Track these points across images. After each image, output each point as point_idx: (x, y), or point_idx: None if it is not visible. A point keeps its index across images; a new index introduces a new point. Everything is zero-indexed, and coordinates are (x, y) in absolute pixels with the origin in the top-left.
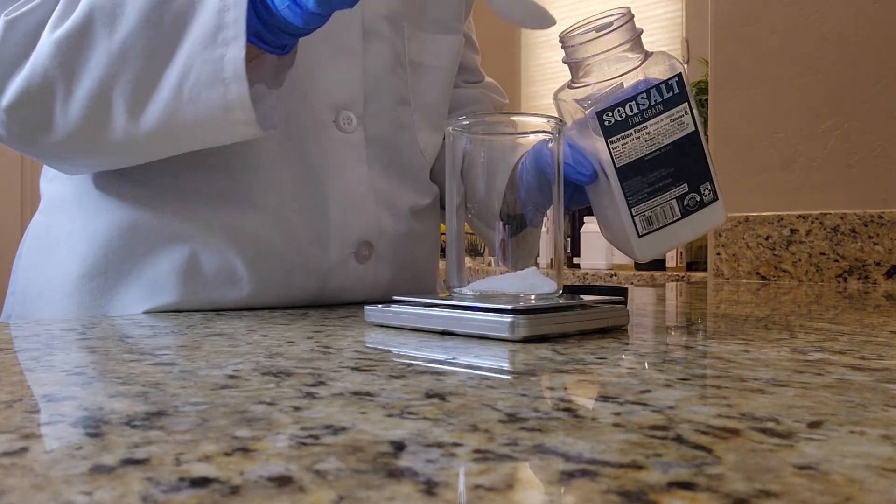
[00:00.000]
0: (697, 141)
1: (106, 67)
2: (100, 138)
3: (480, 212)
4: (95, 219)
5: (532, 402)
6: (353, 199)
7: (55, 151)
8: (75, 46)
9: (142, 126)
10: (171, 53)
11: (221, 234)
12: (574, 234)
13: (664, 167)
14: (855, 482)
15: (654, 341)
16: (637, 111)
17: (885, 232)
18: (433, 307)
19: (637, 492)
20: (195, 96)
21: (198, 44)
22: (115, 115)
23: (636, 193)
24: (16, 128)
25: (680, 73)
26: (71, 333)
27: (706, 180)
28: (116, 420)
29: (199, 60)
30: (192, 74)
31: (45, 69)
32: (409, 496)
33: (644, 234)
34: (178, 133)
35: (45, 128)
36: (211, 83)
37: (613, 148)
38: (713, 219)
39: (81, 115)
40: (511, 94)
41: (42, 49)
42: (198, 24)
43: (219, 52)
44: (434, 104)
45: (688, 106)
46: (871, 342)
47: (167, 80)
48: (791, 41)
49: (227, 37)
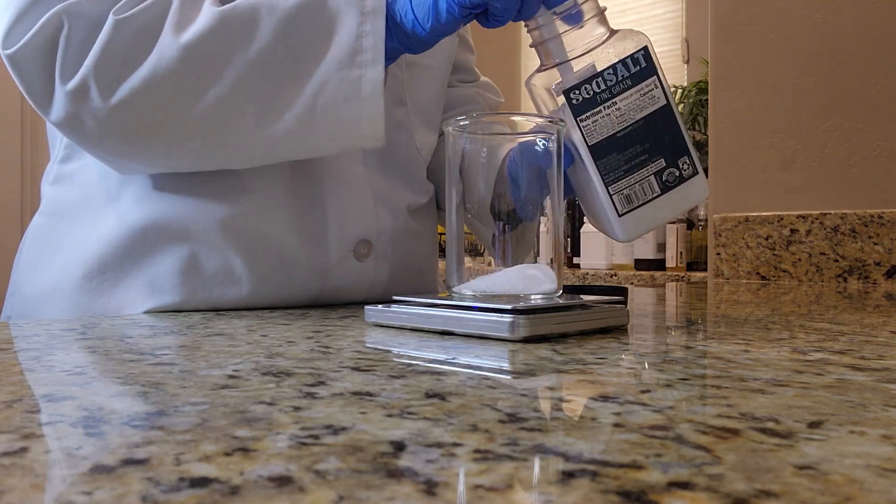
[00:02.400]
0: (670, 114)
1: (240, 76)
2: (217, 142)
3: (479, 212)
4: (95, 220)
5: (532, 402)
6: (351, 198)
7: (151, 151)
8: (209, 53)
9: (268, 134)
10: (306, 69)
11: (220, 234)
12: (574, 234)
13: (638, 143)
14: (855, 482)
15: (654, 341)
16: (605, 87)
17: (885, 232)
18: (433, 307)
19: (637, 492)
20: (328, 112)
21: (334, 63)
22: (242, 122)
23: (612, 172)
24: (118, 126)
25: (646, 45)
26: (71, 333)
27: (684, 154)
28: (116, 420)
29: (335, 79)
30: (326, 91)
31: (170, 72)
32: (409, 496)
33: (624, 213)
34: (302, 141)
35: (155, 129)
36: (346, 100)
37: (584, 126)
38: (695, 193)
39: (207, 119)
40: (511, 94)
41: (168, 52)
42: (335, 45)
43: (356, 73)
44: (429, 104)
45: (657, 79)
46: (871, 342)
47: (301, 93)
48: (791, 41)
49: (366, 59)
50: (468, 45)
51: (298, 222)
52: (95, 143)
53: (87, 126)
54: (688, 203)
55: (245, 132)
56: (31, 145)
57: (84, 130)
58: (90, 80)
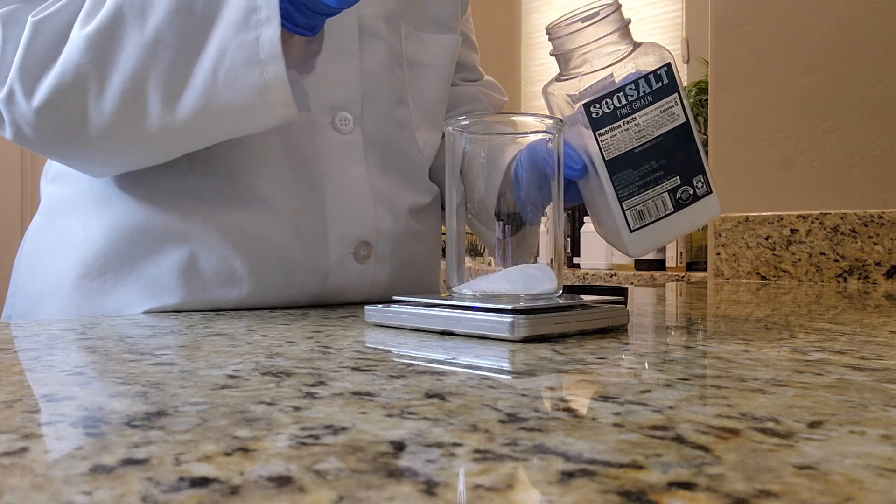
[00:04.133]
0: (689, 132)
1: (138, 59)
2: (135, 132)
3: (480, 212)
4: (95, 220)
5: (532, 402)
6: (351, 200)
7: (87, 151)
8: (106, 40)
9: (178, 115)
10: (203, 40)
11: (220, 235)
12: (574, 234)
13: (655, 160)
14: (855, 482)
15: (654, 341)
16: (625, 102)
17: (885, 232)
18: (433, 307)
19: (637, 492)
20: (231, 80)
21: (230, 28)
22: (150, 106)
23: (627, 187)
24: (47, 129)
25: (669, 62)
26: (71, 333)
27: (699, 172)
28: (116, 420)
29: (233, 44)
30: (226, 59)
31: (76, 65)
32: (409, 496)
33: (636, 229)
34: (214, 120)
35: (79, 126)
36: (246, 66)
37: (602, 140)
38: (707, 212)
39: (116, 108)
40: (511, 93)
41: (72, 45)
42: (229, 8)
43: (252, 34)
44: (432, 103)
45: (678, 97)
46: (871, 342)
47: (201, 66)
48: (791, 41)
49: (261, 18)
50: (471, 44)
51: (298, 223)
52: (37, 148)
53: (25, 132)
54: (699, 221)
55: (157, 116)
56: None
57: (25, 137)
58: (15, 84)
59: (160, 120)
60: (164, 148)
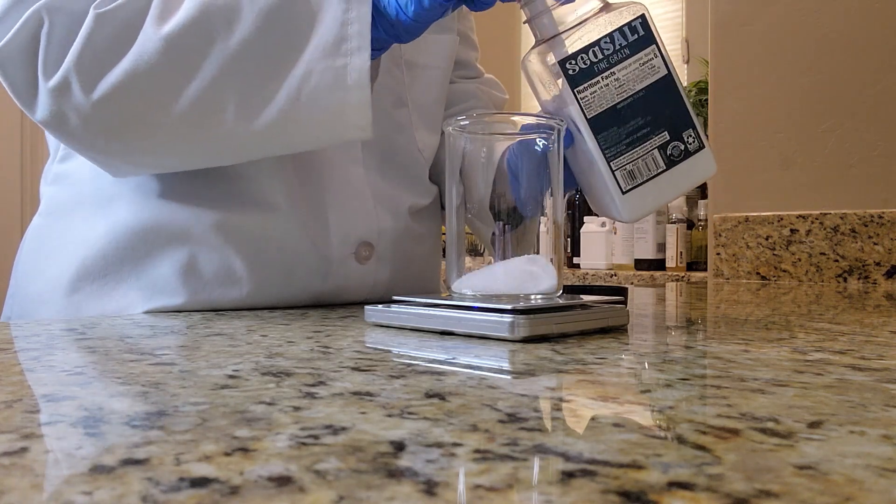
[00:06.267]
0: (672, 85)
1: (221, 68)
2: (201, 137)
3: (480, 212)
4: (95, 221)
5: (532, 402)
6: (351, 200)
7: (134, 149)
8: (189, 45)
9: (251, 127)
10: (289, 59)
11: (220, 235)
12: (574, 234)
13: (640, 115)
14: (855, 482)
15: (654, 341)
16: (602, 57)
17: (885, 232)
18: (433, 307)
19: (637, 492)
20: (313, 101)
21: (318, 52)
22: (224, 115)
23: (613, 146)
24: (100, 122)
25: (643, 14)
26: (71, 333)
27: (688, 127)
28: (116, 420)
29: (320, 68)
30: (311, 80)
31: (150, 65)
32: (409, 496)
33: (628, 190)
34: (285, 135)
35: (137, 124)
36: (332, 89)
37: (582, 98)
38: (702, 169)
39: (188, 113)
40: (511, 93)
41: (148, 44)
42: (318, 34)
43: (341, 61)
44: (431, 104)
45: (657, 48)
46: (871, 342)
47: (284, 84)
48: (791, 41)
49: (351, 47)
50: (471, 43)
51: (298, 223)
52: (81, 141)
53: (72, 123)
54: (694, 180)
55: (228, 125)
56: (30, 145)
57: (69, 128)
58: (72, 76)
59: (232, 130)
60: (219, 155)
